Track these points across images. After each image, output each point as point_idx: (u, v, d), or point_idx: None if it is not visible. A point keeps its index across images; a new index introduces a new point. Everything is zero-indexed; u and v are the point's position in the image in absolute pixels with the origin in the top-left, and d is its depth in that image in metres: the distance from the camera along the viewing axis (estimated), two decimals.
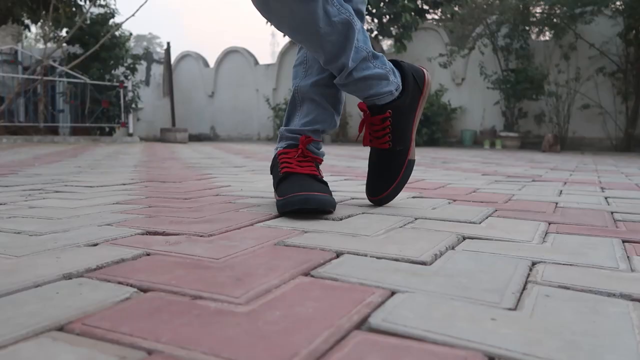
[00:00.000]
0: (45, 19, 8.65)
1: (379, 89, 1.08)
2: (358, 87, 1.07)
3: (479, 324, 0.45)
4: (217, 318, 0.45)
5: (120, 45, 9.38)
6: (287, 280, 0.57)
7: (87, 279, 0.57)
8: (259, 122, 11.65)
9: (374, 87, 1.08)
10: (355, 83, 1.06)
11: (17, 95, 8.51)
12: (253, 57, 11.91)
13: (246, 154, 4.55)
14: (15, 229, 0.86)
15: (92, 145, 6.41)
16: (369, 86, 1.07)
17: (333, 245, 0.75)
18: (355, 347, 0.40)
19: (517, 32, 8.09)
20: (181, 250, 0.71)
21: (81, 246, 0.73)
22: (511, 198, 1.41)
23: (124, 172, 2.26)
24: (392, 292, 0.54)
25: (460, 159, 3.93)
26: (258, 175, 2.14)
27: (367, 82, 1.06)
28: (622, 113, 7.73)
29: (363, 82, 1.06)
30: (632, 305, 0.51)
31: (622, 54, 7.60)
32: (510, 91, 7.97)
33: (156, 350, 0.39)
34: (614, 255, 0.73)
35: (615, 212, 1.18)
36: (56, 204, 1.17)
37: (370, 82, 1.06)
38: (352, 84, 1.07)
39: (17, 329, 0.42)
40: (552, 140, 6.93)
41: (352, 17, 0.99)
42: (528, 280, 0.59)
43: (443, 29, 9.31)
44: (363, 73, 1.05)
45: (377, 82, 1.07)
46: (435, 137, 8.32)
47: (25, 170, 2.25)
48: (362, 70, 1.05)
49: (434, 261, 0.67)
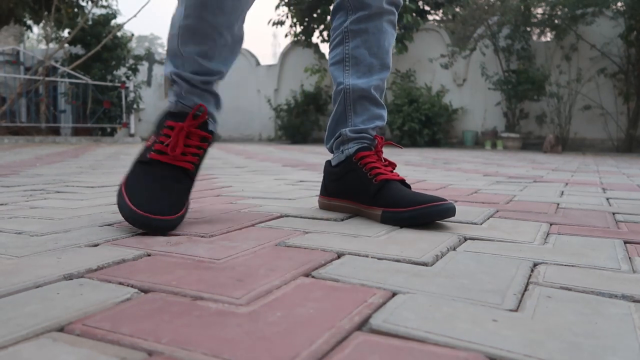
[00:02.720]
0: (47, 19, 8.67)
1: None
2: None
3: (480, 325, 0.45)
4: (217, 319, 0.45)
5: (122, 45, 9.38)
6: (288, 281, 0.57)
7: (88, 280, 0.57)
8: (261, 123, 11.65)
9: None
10: None
11: (18, 95, 8.52)
12: (255, 57, 11.91)
13: (247, 154, 4.55)
14: (16, 229, 0.86)
15: (94, 146, 6.42)
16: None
17: (334, 246, 0.75)
18: (356, 348, 0.40)
19: (519, 33, 8.08)
20: (182, 251, 0.71)
21: (82, 247, 0.73)
22: (512, 199, 1.40)
23: (125, 172, 2.25)
24: (393, 293, 0.54)
25: (461, 160, 3.93)
26: (259, 175, 2.14)
27: None
28: (624, 114, 7.72)
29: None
30: (634, 307, 0.51)
31: (623, 55, 7.59)
32: (511, 92, 7.96)
33: (157, 351, 0.39)
34: (615, 256, 0.73)
35: (616, 213, 1.17)
36: (57, 205, 1.17)
37: None
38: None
39: (18, 329, 0.42)
40: (553, 141, 6.92)
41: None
42: (529, 281, 0.59)
43: (444, 30, 9.30)
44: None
45: None
46: (437, 138, 8.32)
47: (27, 171, 2.26)
48: None
49: (435, 262, 0.67)
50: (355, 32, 1.09)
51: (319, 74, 9.52)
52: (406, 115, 8.07)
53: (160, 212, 0.83)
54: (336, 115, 1.13)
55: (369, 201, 1.01)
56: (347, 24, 1.10)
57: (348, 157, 1.08)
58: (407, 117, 8.06)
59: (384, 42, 1.11)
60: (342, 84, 1.10)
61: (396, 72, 9.17)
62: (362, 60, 1.10)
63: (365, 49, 1.09)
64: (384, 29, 1.10)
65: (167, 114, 0.97)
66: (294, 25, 9.67)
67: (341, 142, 1.11)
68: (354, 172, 1.06)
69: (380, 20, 1.10)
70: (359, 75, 1.10)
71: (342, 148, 1.11)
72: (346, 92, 1.10)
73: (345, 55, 1.11)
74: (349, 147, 1.09)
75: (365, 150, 1.07)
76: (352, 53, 1.10)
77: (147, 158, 0.92)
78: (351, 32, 1.10)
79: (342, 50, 1.11)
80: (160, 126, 0.96)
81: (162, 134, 0.94)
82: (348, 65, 1.11)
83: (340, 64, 1.12)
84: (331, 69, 1.14)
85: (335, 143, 1.13)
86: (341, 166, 1.10)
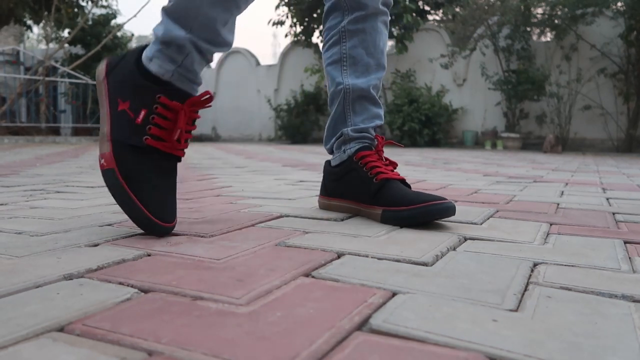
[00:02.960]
0: (47, 19, 8.67)
1: None
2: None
3: (480, 325, 0.45)
4: (218, 319, 0.45)
5: (122, 46, 9.39)
6: (288, 281, 0.57)
7: (88, 280, 0.57)
8: (261, 123, 11.65)
9: None
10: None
11: (18, 95, 8.52)
12: (255, 57, 11.91)
13: (247, 154, 4.55)
14: (16, 229, 0.86)
15: (94, 146, 6.41)
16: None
17: (334, 246, 0.75)
18: (356, 348, 0.40)
19: (519, 33, 8.08)
20: (182, 251, 0.71)
21: (82, 247, 0.73)
22: (512, 199, 1.40)
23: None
24: (393, 293, 0.54)
25: (461, 160, 3.93)
26: (259, 175, 2.14)
27: None
28: (624, 114, 7.72)
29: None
30: (634, 307, 0.51)
31: (623, 55, 7.59)
32: (511, 92, 7.96)
33: (157, 351, 0.39)
34: (615, 257, 0.73)
35: (616, 213, 1.17)
36: (57, 205, 1.17)
37: None
38: None
39: (18, 329, 0.42)
40: (553, 141, 6.92)
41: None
42: (529, 281, 0.59)
43: (444, 30, 9.30)
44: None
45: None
46: (437, 138, 8.32)
47: (27, 171, 2.26)
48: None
49: (435, 262, 0.67)
50: (353, 32, 1.09)
51: (319, 74, 9.52)
52: (406, 115, 8.07)
53: (170, 219, 0.82)
54: (335, 115, 1.13)
55: (369, 200, 1.01)
56: (344, 23, 1.09)
57: (350, 156, 1.08)
58: (407, 117, 8.06)
59: (379, 41, 1.11)
60: (342, 84, 1.10)
61: (396, 72, 9.17)
62: (359, 59, 1.09)
63: (362, 48, 1.09)
64: (379, 29, 1.11)
65: (156, 83, 0.83)
66: (294, 25, 9.67)
67: (342, 142, 1.11)
68: (354, 171, 1.06)
69: (376, 20, 1.10)
70: (358, 75, 1.10)
71: (344, 148, 1.11)
72: (346, 92, 1.10)
73: (343, 55, 1.10)
74: (350, 147, 1.09)
75: (365, 150, 1.07)
76: (349, 53, 1.09)
77: (143, 143, 0.80)
78: (348, 32, 1.09)
79: (340, 50, 1.10)
80: (148, 97, 0.81)
81: (157, 112, 0.81)
82: (346, 65, 1.10)
83: (338, 64, 1.11)
84: (328, 69, 1.13)
85: (336, 143, 1.13)
86: (342, 166, 1.10)
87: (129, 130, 0.81)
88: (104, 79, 0.87)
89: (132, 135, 0.81)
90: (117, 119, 0.83)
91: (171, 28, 0.83)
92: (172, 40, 0.83)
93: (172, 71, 0.84)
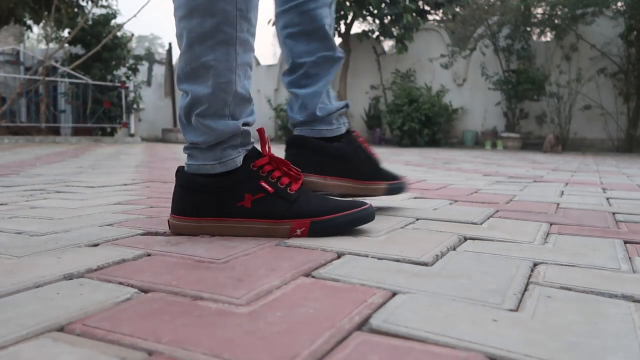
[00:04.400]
0: (47, 19, 8.67)
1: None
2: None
3: (480, 325, 0.45)
4: (217, 319, 0.45)
5: (122, 45, 9.38)
6: (288, 281, 0.57)
7: (88, 280, 0.57)
8: (260, 123, 11.59)
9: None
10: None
11: (18, 95, 8.51)
12: (254, 57, 11.92)
13: None
14: (17, 229, 0.86)
15: (94, 146, 6.41)
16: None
17: (334, 246, 0.75)
18: (356, 348, 0.40)
19: (519, 33, 8.08)
20: (182, 251, 0.71)
21: (82, 246, 0.73)
22: (512, 199, 1.40)
23: (125, 172, 2.25)
24: (393, 293, 0.54)
25: (461, 160, 3.93)
26: None
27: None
28: (624, 114, 7.72)
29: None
30: (634, 307, 0.51)
31: (623, 55, 7.58)
32: (511, 92, 7.96)
33: (157, 351, 0.39)
34: (615, 256, 0.73)
35: (616, 213, 1.17)
36: (57, 204, 1.17)
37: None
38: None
39: (18, 329, 0.42)
40: (553, 141, 6.92)
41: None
42: (529, 281, 0.59)
43: (444, 30, 9.30)
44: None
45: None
46: (437, 137, 8.32)
47: (27, 171, 2.26)
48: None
49: (435, 262, 0.67)
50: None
51: None
52: (406, 115, 8.07)
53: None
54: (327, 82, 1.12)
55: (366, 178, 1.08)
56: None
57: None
58: (407, 117, 8.06)
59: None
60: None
61: (396, 72, 9.18)
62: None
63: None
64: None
65: (240, 162, 0.86)
66: None
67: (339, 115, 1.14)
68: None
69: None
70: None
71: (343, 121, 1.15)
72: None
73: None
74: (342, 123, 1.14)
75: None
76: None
77: (288, 194, 0.83)
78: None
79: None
80: (250, 178, 0.84)
81: (266, 176, 0.85)
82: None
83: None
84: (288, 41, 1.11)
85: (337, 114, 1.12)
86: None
87: (281, 203, 0.83)
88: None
89: (281, 200, 0.83)
90: (269, 205, 0.83)
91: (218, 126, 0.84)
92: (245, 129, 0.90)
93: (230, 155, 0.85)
